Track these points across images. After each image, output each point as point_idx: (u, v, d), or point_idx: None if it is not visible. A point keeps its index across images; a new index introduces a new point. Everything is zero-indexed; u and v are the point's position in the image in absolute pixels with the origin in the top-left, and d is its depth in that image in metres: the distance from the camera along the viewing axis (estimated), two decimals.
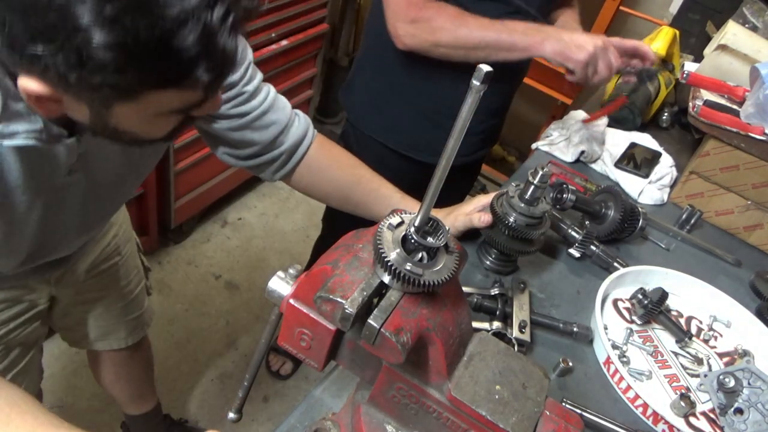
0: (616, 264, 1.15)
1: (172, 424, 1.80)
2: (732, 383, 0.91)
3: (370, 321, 0.50)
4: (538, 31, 1.13)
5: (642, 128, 1.61)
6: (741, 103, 1.41)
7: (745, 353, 1.07)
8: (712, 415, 0.95)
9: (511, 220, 0.97)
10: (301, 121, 1.01)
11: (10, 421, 0.63)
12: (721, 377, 0.93)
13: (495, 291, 0.99)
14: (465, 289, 0.99)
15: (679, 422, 0.90)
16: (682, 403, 0.92)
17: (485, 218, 1.02)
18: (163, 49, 0.51)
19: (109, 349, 1.37)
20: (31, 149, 0.64)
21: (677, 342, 1.07)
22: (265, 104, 0.92)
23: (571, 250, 1.16)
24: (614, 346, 1.02)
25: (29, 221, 0.76)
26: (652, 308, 1.04)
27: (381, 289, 0.53)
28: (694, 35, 2.03)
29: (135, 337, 1.39)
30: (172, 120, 0.65)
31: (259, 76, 0.91)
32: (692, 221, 1.35)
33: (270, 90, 0.94)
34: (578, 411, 0.86)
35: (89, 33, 0.49)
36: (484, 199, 1.05)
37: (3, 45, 0.52)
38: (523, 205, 0.96)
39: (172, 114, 0.62)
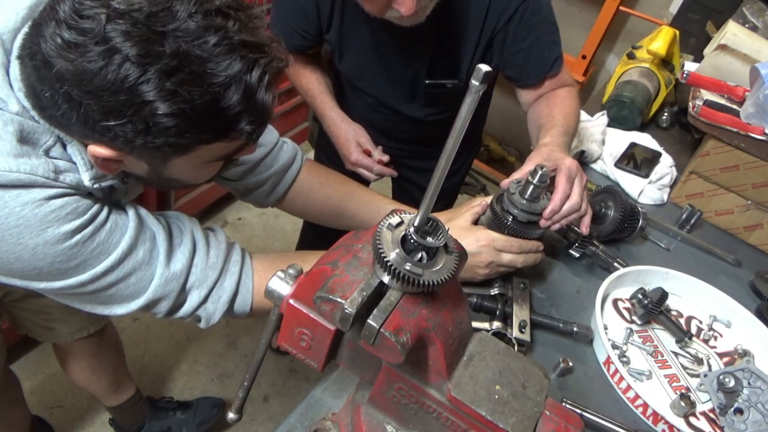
0: (616, 264, 1.15)
1: (154, 402, 1.82)
2: (732, 383, 0.91)
3: (370, 321, 0.50)
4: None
5: (642, 128, 1.61)
6: (741, 103, 1.41)
7: (745, 353, 1.07)
8: (712, 415, 0.95)
9: (510, 219, 0.97)
10: (289, 147, 1.08)
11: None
12: (721, 377, 0.92)
13: (495, 291, 0.99)
14: (465, 289, 0.99)
15: (679, 422, 0.90)
16: (682, 403, 0.92)
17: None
18: (213, 109, 0.62)
19: (71, 341, 1.39)
20: (110, 187, 0.77)
21: (677, 342, 1.07)
22: None
23: (571, 250, 1.16)
24: (614, 346, 1.02)
25: None
26: (652, 308, 1.04)
27: (381, 289, 0.53)
28: (694, 35, 2.03)
29: (97, 325, 1.41)
30: (217, 165, 0.76)
31: None
32: (692, 221, 1.35)
33: None
34: (578, 411, 0.86)
35: (154, 105, 0.58)
36: (483, 201, 1.05)
37: (77, 121, 0.62)
38: (524, 201, 0.96)
39: (218, 161, 0.74)
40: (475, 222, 1.03)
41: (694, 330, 1.12)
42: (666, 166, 1.46)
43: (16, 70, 0.66)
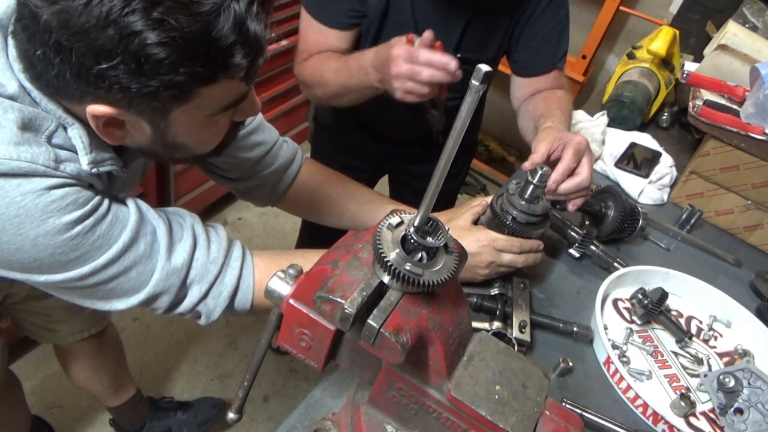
0: (616, 264, 1.15)
1: (155, 402, 1.82)
2: (732, 383, 0.91)
3: (370, 321, 0.50)
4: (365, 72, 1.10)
5: (642, 128, 1.61)
6: (741, 103, 1.41)
7: (745, 353, 1.07)
8: (712, 415, 0.95)
9: (510, 219, 0.97)
10: (290, 146, 1.08)
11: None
12: (721, 377, 0.93)
13: (495, 291, 0.99)
14: (465, 289, 0.99)
15: (679, 422, 0.90)
16: (682, 403, 0.92)
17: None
18: (205, 39, 0.60)
19: (73, 341, 1.39)
20: (107, 174, 0.76)
21: (677, 342, 1.07)
22: (250, 126, 0.98)
23: (571, 250, 1.16)
24: (614, 346, 1.02)
25: None
26: (652, 308, 1.04)
27: (381, 289, 0.53)
28: (694, 35, 2.04)
29: (98, 326, 1.41)
30: (222, 125, 0.75)
31: None
32: (692, 221, 1.35)
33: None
34: (578, 411, 0.86)
35: (143, 36, 0.57)
36: (483, 201, 1.05)
37: (72, 75, 0.61)
38: (523, 203, 0.96)
39: (221, 116, 0.72)
40: (475, 222, 1.03)
41: (694, 330, 1.12)
42: (666, 166, 1.46)
43: (14, 49, 0.66)
